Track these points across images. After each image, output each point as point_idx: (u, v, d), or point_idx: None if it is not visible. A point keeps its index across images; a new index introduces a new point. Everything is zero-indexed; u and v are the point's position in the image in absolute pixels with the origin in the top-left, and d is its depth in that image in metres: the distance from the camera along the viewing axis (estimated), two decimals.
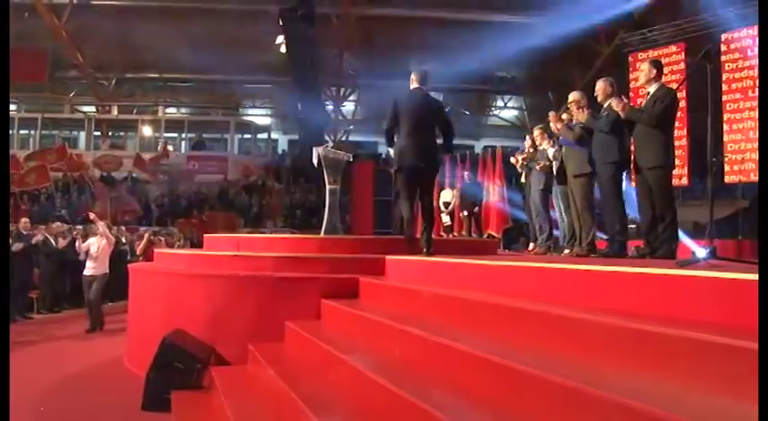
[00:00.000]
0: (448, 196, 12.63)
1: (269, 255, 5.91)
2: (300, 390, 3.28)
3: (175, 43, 24.04)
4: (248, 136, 26.74)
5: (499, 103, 28.25)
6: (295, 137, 26.18)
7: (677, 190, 12.92)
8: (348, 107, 26.23)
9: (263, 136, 27.45)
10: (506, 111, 28.44)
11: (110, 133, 25.63)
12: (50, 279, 10.79)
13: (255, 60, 25.04)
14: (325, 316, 4.89)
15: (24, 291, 10.11)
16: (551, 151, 6.93)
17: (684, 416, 1.63)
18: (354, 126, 25.96)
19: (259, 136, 27.17)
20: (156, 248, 10.16)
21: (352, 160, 7.94)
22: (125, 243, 12.28)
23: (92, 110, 25.58)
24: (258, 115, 28.84)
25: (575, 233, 6.33)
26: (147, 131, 25.24)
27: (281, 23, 19.65)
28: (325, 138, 21.91)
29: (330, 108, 24.16)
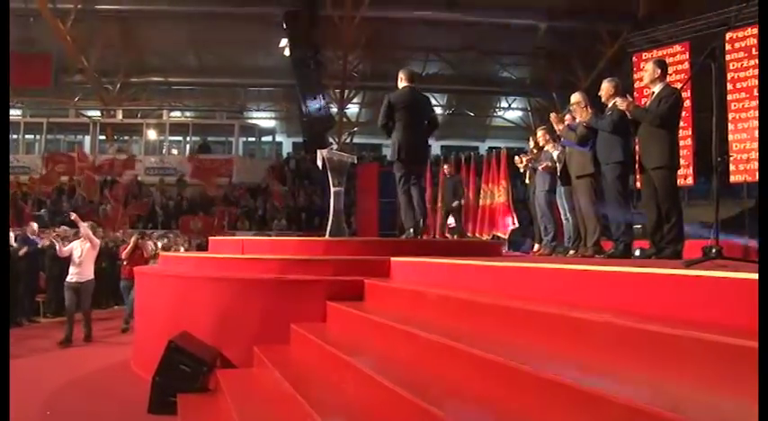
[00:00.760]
0: None
1: (274, 257, 5.91)
2: (306, 393, 3.28)
3: (179, 47, 24.15)
4: (253, 139, 26.78)
5: (503, 104, 28.22)
6: (299, 139, 26.20)
7: (683, 190, 12.89)
8: (352, 109, 26.26)
9: (267, 138, 27.49)
10: (511, 112, 28.41)
11: (115, 137, 25.70)
12: (57, 283, 10.81)
13: (259, 63, 25.14)
14: (331, 318, 4.89)
15: (31, 295, 10.13)
16: (555, 153, 6.92)
17: (691, 418, 1.63)
18: (359, 128, 25.98)
19: (263, 138, 27.21)
20: (145, 253, 10.10)
21: (356, 162, 7.95)
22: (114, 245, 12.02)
23: (97, 114, 25.65)
24: (262, 118, 28.90)
25: (579, 234, 6.32)
26: (151, 135, 25.28)
27: (284, 26, 19.69)
28: (330, 141, 21.91)
29: (334, 110, 24.19)
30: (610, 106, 5.42)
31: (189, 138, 25.78)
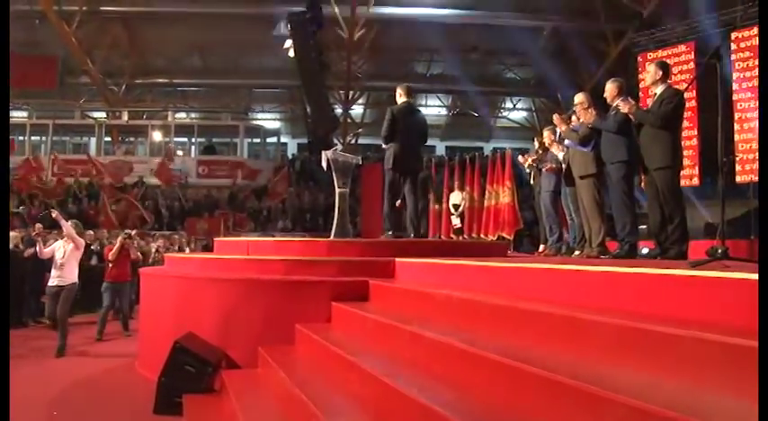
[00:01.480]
0: (457, 198, 12.58)
1: (279, 258, 5.92)
2: (311, 393, 3.28)
3: (184, 48, 24.22)
4: (258, 140, 26.83)
5: (508, 105, 28.19)
6: (304, 140, 26.24)
7: (688, 190, 12.84)
8: (357, 110, 26.28)
9: (272, 140, 27.54)
10: (515, 112, 28.38)
11: (120, 138, 25.79)
12: None
13: (264, 64, 25.17)
14: (336, 319, 4.89)
15: (36, 295, 10.15)
16: (560, 154, 6.91)
17: (698, 418, 1.62)
18: (363, 129, 25.99)
19: (268, 140, 27.27)
20: (132, 254, 9.37)
21: (361, 163, 7.95)
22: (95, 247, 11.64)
23: (102, 116, 25.76)
24: (267, 119, 28.95)
25: (585, 234, 6.31)
26: (157, 136, 25.36)
27: (289, 27, 19.71)
28: (335, 142, 21.93)
29: (339, 111, 24.22)
30: (614, 107, 5.40)
31: (194, 140, 25.87)
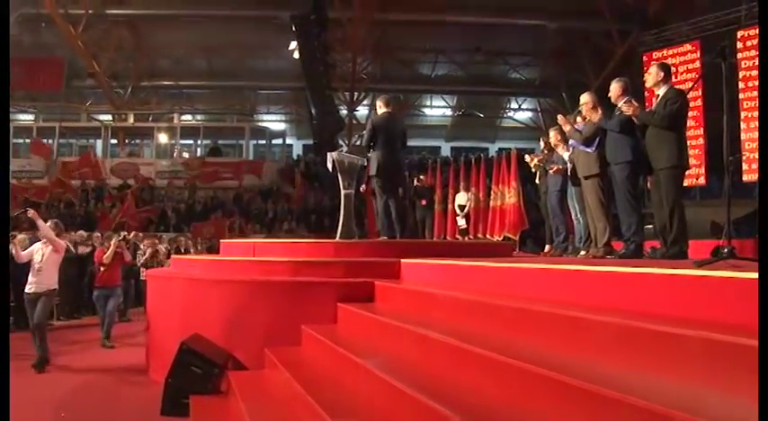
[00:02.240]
0: (463, 199, 12.57)
1: (285, 259, 5.94)
2: (317, 394, 3.29)
3: (190, 50, 24.30)
4: (263, 141, 26.88)
5: (513, 105, 28.15)
6: (309, 142, 26.27)
7: (695, 189, 12.79)
8: (362, 111, 26.29)
9: (277, 141, 27.58)
10: (521, 112, 28.34)
11: (126, 141, 25.89)
12: (71, 285, 10.89)
13: (269, 66, 25.23)
14: (342, 320, 4.90)
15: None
16: (566, 154, 6.89)
17: (702, 418, 1.62)
18: None
19: (274, 141, 27.31)
20: (126, 257, 9.06)
21: (366, 164, 7.94)
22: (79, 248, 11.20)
23: (108, 118, 25.85)
24: (273, 121, 28.98)
25: (590, 234, 6.30)
26: (162, 139, 25.45)
27: (293, 29, 19.75)
28: (340, 143, 21.95)
29: (344, 112, 24.23)
30: (618, 106, 5.39)
31: (200, 141, 25.93)
